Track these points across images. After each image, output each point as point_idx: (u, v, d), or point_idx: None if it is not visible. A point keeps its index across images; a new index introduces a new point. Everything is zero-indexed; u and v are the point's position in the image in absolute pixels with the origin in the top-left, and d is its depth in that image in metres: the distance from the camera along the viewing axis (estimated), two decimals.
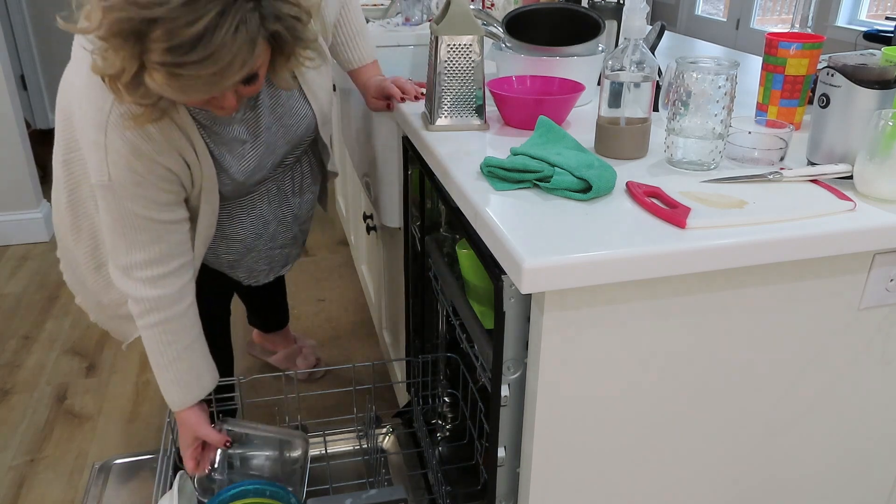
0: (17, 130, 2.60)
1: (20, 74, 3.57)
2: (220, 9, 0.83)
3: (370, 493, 1.10)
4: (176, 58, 0.84)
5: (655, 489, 0.88)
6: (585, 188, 0.81)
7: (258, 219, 1.30)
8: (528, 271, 0.67)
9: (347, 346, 2.11)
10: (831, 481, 0.98)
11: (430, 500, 1.28)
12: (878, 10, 3.70)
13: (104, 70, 0.88)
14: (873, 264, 0.82)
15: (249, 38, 0.87)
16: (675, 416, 0.84)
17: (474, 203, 0.81)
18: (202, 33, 0.83)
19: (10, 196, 2.69)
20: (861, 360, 0.88)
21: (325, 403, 1.74)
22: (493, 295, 0.78)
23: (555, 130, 0.94)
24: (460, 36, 1.03)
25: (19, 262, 2.59)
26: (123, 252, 1.10)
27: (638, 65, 0.90)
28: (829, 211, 0.79)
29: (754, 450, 0.90)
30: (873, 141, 0.81)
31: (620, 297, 0.74)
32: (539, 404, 0.77)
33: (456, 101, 1.06)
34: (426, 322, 1.39)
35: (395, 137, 1.36)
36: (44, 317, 2.22)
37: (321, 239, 2.82)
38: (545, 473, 0.82)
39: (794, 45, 0.99)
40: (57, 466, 1.64)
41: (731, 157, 0.94)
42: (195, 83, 0.87)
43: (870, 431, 0.95)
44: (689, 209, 0.77)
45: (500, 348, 0.78)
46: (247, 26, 0.86)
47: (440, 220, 1.28)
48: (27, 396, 1.88)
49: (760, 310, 0.80)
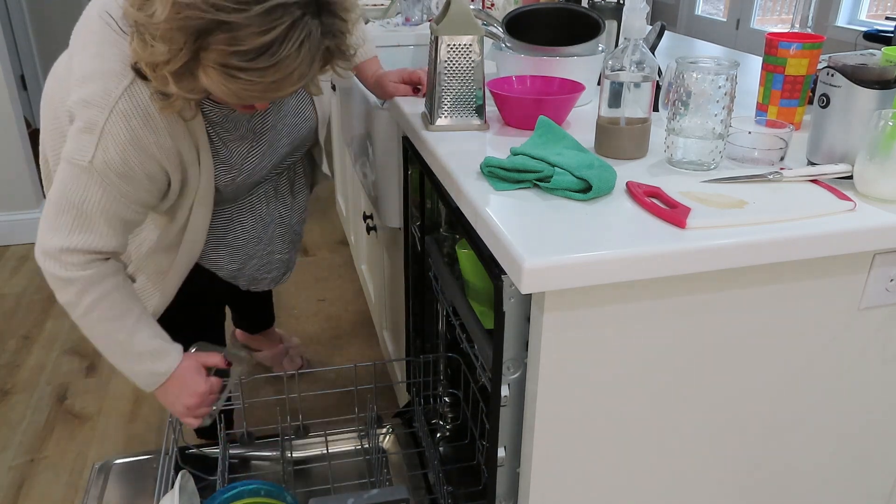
0: (17, 130, 2.60)
1: (20, 74, 3.57)
2: (291, 21, 0.83)
3: (372, 492, 1.10)
4: (240, 62, 0.83)
5: (655, 489, 0.89)
6: (585, 188, 0.81)
7: (258, 221, 1.30)
8: (528, 271, 0.67)
9: (347, 346, 2.11)
10: (831, 481, 0.98)
11: (431, 499, 1.28)
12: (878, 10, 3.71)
13: (148, 58, 0.87)
14: (873, 264, 0.82)
15: (311, 53, 0.87)
16: (674, 415, 0.84)
17: (474, 203, 0.81)
18: (270, 43, 0.83)
19: (10, 196, 2.69)
20: (861, 360, 0.88)
21: (325, 403, 1.74)
22: (493, 295, 0.78)
23: (555, 130, 0.94)
24: (460, 36, 1.03)
25: (19, 262, 2.59)
26: (63, 235, 1.03)
27: (638, 65, 0.90)
28: (829, 211, 0.79)
29: (754, 450, 0.90)
30: (873, 141, 0.81)
31: (620, 297, 0.74)
32: (539, 404, 0.77)
33: (456, 101, 1.06)
34: (426, 322, 1.39)
35: (395, 137, 1.36)
36: (44, 317, 2.22)
37: (321, 239, 2.82)
38: (545, 473, 0.82)
39: (794, 45, 0.99)
40: (57, 466, 1.64)
41: (731, 157, 0.94)
42: (251, 88, 0.87)
43: (870, 431, 0.95)
44: (689, 209, 0.77)
45: (500, 348, 0.78)
46: (310, 41, 0.86)
47: (440, 220, 1.28)
48: (27, 396, 1.88)
49: (760, 310, 0.80)
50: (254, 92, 0.88)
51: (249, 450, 1.38)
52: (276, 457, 1.37)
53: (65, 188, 1.02)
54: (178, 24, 0.82)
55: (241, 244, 1.29)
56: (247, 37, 0.82)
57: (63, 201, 1.03)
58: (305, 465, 1.36)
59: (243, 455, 1.37)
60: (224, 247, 1.28)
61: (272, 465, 1.36)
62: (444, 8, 1.03)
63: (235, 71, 0.85)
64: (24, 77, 3.60)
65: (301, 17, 0.84)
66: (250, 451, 1.38)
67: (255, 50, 0.83)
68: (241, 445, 1.37)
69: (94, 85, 0.99)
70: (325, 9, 0.87)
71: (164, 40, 0.84)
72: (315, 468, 1.35)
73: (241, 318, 1.90)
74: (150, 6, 0.84)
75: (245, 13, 0.81)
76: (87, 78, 1.00)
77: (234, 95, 0.89)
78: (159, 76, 0.89)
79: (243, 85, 0.86)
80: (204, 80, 0.87)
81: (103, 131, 0.98)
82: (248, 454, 1.38)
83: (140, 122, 0.99)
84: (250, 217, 1.29)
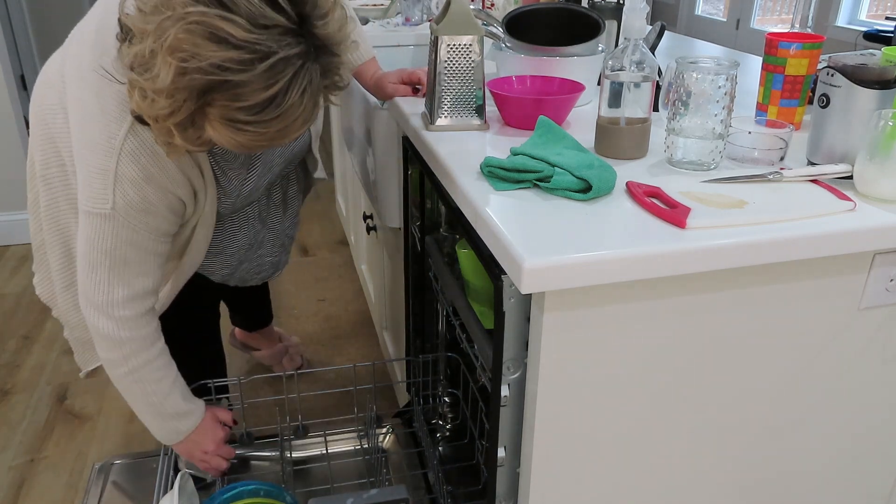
0: (17, 130, 2.60)
1: (20, 74, 3.57)
2: (293, 72, 0.83)
3: (371, 492, 1.10)
4: (246, 116, 0.83)
5: (655, 489, 0.88)
6: (585, 188, 0.81)
7: (250, 230, 1.30)
8: (528, 271, 0.67)
9: (347, 346, 2.11)
10: (831, 481, 0.98)
11: (431, 499, 1.28)
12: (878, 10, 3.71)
13: (149, 111, 0.86)
14: (873, 264, 0.82)
15: (313, 97, 0.88)
16: (674, 415, 0.84)
17: (474, 203, 0.81)
18: (274, 96, 0.83)
19: (10, 196, 2.69)
20: (861, 360, 0.88)
21: (325, 403, 1.74)
22: (493, 295, 0.78)
23: (555, 130, 0.94)
24: (460, 36, 1.03)
25: (19, 262, 2.59)
26: (105, 289, 1.05)
27: (638, 65, 0.90)
28: (829, 211, 0.79)
29: (754, 450, 0.90)
30: (873, 141, 0.81)
31: (620, 297, 0.74)
32: (539, 404, 0.77)
33: (456, 101, 1.06)
34: (426, 322, 1.39)
35: (395, 137, 1.36)
36: (44, 317, 2.22)
37: (321, 239, 2.82)
38: (545, 473, 0.82)
39: (794, 45, 0.99)
40: (57, 466, 1.64)
41: (731, 157, 0.94)
42: (258, 139, 0.87)
43: (870, 431, 0.95)
44: (689, 209, 0.77)
45: (500, 348, 0.78)
46: (311, 86, 0.86)
47: (440, 220, 1.28)
48: (27, 396, 1.88)
49: (760, 310, 0.80)
50: (261, 141, 0.88)
51: (249, 450, 1.38)
52: (275, 457, 1.37)
53: (93, 241, 1.03)
54: (183, 84, 0.81)
55: (233, 252, 1.30)
56: (251, 93, 0.81)
57: (95, 254, 1.04)
58: (305, 466, 1.36)
59: (243, 455, 1.37)
60: (217, 255, 1.29)
61: (272, 466, 1.36)
62: (444, 8, 1.03)
63: (242, 125, 0.85)
64: (24, 77, 3.60)
65: (302, 66, 0.84)
66: (250, 451, 1.38)
67: (260, 104, 0.83)
68: (240, 445, 1.37)
69: (95, 128, 0.99)
70: (322, 51, 0.87)
71: (167, 97, 0.83)
72: (314, 468, 1.35)
73: (238, 317, 1.90)
74: (152, 70, 0.82)
75: (250, 72, 0.80)
76: (85, 119, 1.00)
77: (242, 146, 0.89)
78: (163, 128, 0.88)
79: (251, 136, 0.86)
80: (210, 132, 0.87)
81: (116, 175, 0.99)
82: (248, 454, 1.38)
83: (149, 159, 0.99)
84: (244, 228, 1.29)
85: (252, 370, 1.98)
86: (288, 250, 1.46)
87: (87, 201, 1.01)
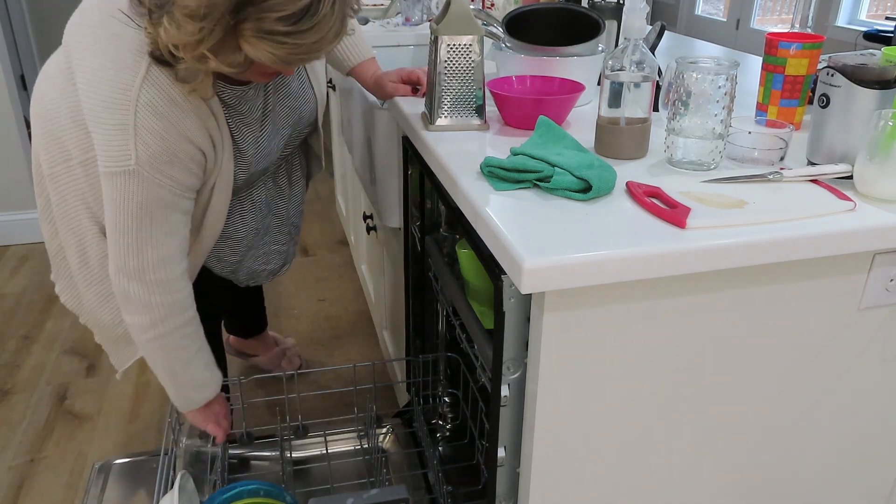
0: (17, 130, 2.60)
1: (20, 74, 3.57)
2: None
3: (371, 492, 1.10)
4: (285, 27, 0.86)
5: (655, 489, 0.88)
6: (585, 188, 0.81)
7: (257, 212, 1.31)
8: (528, 271, 0.67)
9: (347, 346, 2.11)
10: (831, 481, 0.98)
11: (431, 499, 1.28)
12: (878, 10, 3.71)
13: (179, 39, 0.88)
14: (873, 264, 0.82)
15: (342, 9, 0.91)
16: (674, 416, 0.84)
17: (474, 203, 0.81)
18: (309, 6, 0.86)
19: (10, 196, 2.69)
20: (861, 360, 0.88)
21: (325, 403, 1.74)
22: (493, 295, 0.78)
23: (555, 130, 0.94)
24: (460, 36, 1.03)
25: (19, 262, 2.59)
26: (135, 252, 1.06)
27: (638, 65, 0.90)
28: (829, 211, 0.79)
29: (754, 450, 0.90)
30: (873, 141, 0.81)
31: (620, 297, 0.74)
32: (539, 404, 0.77)
33: (456, 101, 1.06)
34: (426, 322, 1.39)
35: (395, 137, 1.36)
36: (44, 317, 2.22)
37: (321, 239, 2.82)
38: (545, 473, 0.82)
39: (794, 45, 0.99)
40: (57, 466, 1.64)
41: (731, 157, 0.94)
42: (296, 52, 0.90)
43: (870, 431, 0.95)
44: (689, 209, 0.77)
45: (500, 348, 0.78)
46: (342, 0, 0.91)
47: (440, 220, 1.28)
48: (27, 396, 1.88)
49: (760, 310, 0.80)
50: (299, 54, 0.91)
51: (249, 450, 1.38)
52: (275, 457, 1.37)
53: (118, 204, 1.03)
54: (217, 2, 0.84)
55: (241, 236, 1.30)
56: (287, 2, 0.85)
57: (122, 216, 1.04)
58: (305, 466, 1.36)
59: (242, 455, 1.37)
60: (225, 238, 1.29)
61: (271, 465, 1.36)
62: (444, 8, 1.03)
63: (281, 36, 0.87)
64: (24, 77, 3.60)
65: None
66: (250, 451, 1.38)
67: (297, 14, 0.86)
68: (240, 445, 1.37)
69: (108, 84, 0.98)
70: None
71: (197, 18, 0.85)
72: (314, 468, 1.35)
73: (233, 325, 1.90)
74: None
75: None
76: (96, 79, 0.99)
77: (282, 61, 0.91)
78: (196, 55, 0.89)
79: (290, 49, 0.89)
80: (248, 49, 0.89)
81: (136, 127, 0.98)
82: (248, 454, 1.38)
83: (167, 107, 0.99)
84: (250, 208, 1.29)
85: (252, 370, 1.98)
86: (295, 241, 1.47)
87: (108, 161, 1.00)
